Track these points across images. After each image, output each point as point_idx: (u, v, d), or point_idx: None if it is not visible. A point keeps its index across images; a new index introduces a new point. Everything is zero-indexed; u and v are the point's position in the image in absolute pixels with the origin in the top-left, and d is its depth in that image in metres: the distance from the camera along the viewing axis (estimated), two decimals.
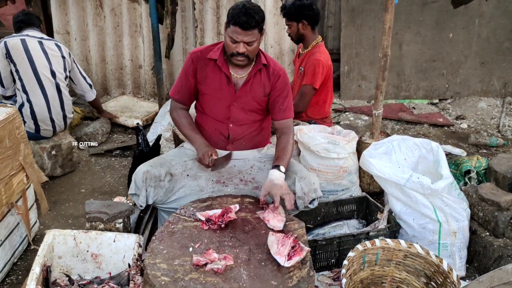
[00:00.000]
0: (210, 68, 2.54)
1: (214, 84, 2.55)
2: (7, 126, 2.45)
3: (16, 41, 3.55)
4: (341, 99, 5.58)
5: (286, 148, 2.52)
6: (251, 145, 2.70)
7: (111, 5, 5.24)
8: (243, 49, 2.36)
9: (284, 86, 2.58)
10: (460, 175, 3.29)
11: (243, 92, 2.56)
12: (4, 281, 2.57)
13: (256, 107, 2.60)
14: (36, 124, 3.57)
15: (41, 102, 3.58)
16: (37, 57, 3.58)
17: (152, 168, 2.48)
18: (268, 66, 2.55)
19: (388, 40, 3.18)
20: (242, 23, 2.29)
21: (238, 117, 2.60)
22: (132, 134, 4.60)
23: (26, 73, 3.54)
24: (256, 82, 2.56)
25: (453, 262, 2.64)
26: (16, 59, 3.53)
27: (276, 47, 5.35)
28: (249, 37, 2.33)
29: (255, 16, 2.30)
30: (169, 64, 5.38)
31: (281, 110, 2.58)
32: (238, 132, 2.65)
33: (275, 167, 2.39)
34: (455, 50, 5.44)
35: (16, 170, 2.58)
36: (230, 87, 2.55)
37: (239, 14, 2.29)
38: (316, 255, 2.59)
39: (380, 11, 5.17)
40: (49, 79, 3.62)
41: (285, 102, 2.58)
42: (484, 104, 5.42)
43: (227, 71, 2.52)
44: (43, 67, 3.60)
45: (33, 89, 3.56)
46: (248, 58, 2.43)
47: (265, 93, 2.58)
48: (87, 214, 2.43)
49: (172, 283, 1.81)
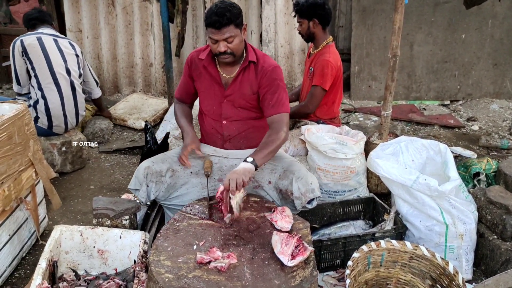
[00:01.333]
0: (202, 68, 2.62)
1: (206, 82, 2.63)
2: (16, 123, 2.49)
3: (33, 39, 3.59)
4: (351, 99, 5.56)
5: (266, 143, 2.42)
6: (249, 144, 2.69)
7: (122, 3, 5.28)
8: (224, 48, 2.40)
9: (272, 82, 2.54)
10: (469, 177, 3.26)
11: (232, 90, 2.58)
12: (12, 275, 2.61)
13: (246, 104, 2.61)
14: (50, 121, 3.61)
15: (56, 99, 3.62)
16: (53, 55, 3.62)
17: (153, 164, 2.53)
18: (257, 63, 2.56)
19: (397, 41, 3.16)
20: (214, 23, 2.34)
21: (229, 114, 2.63)
22: (142, 132, 4.63)
23: (42, 71, 3.58)
24: (244, 80, 2.57)
25: (459, 265, 2.61)
26: (32, 57, 3.56)
27: (287, 46, 5.34)
28: (225, 34, 2.36)
29: (226, 13, 2.32)
30: (179, 62, 5.40)
31: (270, 106, 2.54)
32: (232, 129, 2.66)
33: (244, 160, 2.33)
34: (467, 51, 5.39)
35: (25, 166, 2.62)
36: (220, 85, 2.60)
37: (211, 15, 2.34)
38: (321, 255, 2.59)
39: (391, 11, 5.13)
40: (64, 77, 3.66)
41: (273, 98, 2.54)
42: (496, 106, 5.36)
43: (215, 72, 2.58)
44: (59, 65, 3.64)
45: (49, 87, 3.60)
46: (233, 55, 2.45)
47: (253, 91, 2.58)
48: (94, 211, 2.46)
49: (176, 280, 1.82)
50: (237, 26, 2.39)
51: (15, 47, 3.58)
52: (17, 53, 3.58)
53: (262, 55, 2.61)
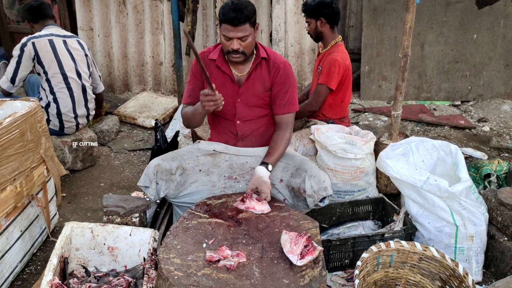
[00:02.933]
0: (213, 68, 2.57)
1: (218, 82, 2.54)
2: (29, 120, 2.51)
3: (45, 42, 3.53)
4: (360, 99, 5.54)
5: (279, 144, 2.53)
6: (261, 142, 2.70)
7: (133, 2, 5.31)
8: (237, 46, 2.38)
9: (285, 80, 2.55)
10: (479, 179, 3.23)
11: (245, 88, 2.57)
12: (23, 271, 2.63)
13: (259, 102, 2.61)
14: (61, 122, 3.63)
15: (68, 102, 3.62)
16: (64, 58, 3.60)
17: (163, 161, 2.52)
18: (268, 60, 2.55)
19: (408, 41, 3.14)
20: (231, 19, 2.30)
21: (243, 114, 2.62)
22: (152, 130, 4.65)
23: (55, 75, 3.56)
24: (257, 77, 2.56)
25: (469, 267, 2.60)
26: (44, 61, 3.52)
27: (297, 46, 5.34)
28: (240, 32, 2.34)
29: (244, 11, 2.31)
30: (189, 61, 5.42)
31: (281, 105, 2.57)
32: (246, 129, 2.66)
33: (263, 164, 2.45)
34: (479, 52, 5.34)
35: (37, 163, 2.64)
36: (233, 84, 2.57)
37: (228, 11, 2.31)
38: (330, 255, 2.58)
39: (402, 10, 5.11)
40: (75, 81, 3.65)
41: (285, 97, 2.56)
42: (508, 107, 5.31)
43: (228, 70, 2.56)
44: (71, 69, 3.62)
45: (61, 91, 3.59)
46: (244, 55, 2.44)
47: (266, 88, 2.58)
48: (104, 208, 2.47)
49: (185, 278, 1.83)
50: (252, 25, 2.39)
51: (25, 49, 3.49)
52: (28, 56, 3.50)
53: (271, 51, 2.61)
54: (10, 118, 2.39)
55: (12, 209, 2.42)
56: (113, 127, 4.47)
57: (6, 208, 2.37)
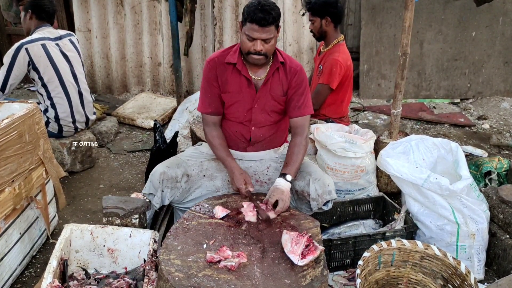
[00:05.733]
0: (229, 73, 2.49)
1: (234, 87, 2.49)
2: (27, 121, 2.50)
3: (38, 47, 3.43)
4: (360, 98, 5.53)
5: (296, 153, 2.47)
6: (271, 146, 2.68)
7: (131, 3, 5.30)
8: (261, 47, 2.31)
9: (301, 83, 2.51)
10: (480, 176, 3.23)
11: (263, 93, 2.50)
12: (23, 274, 2.62)
13: (277, 107, 2.55)
14: (60, 126, 3.60)
15: (66, 107, 3.57)
16: (59, 61, 3.53)
17: (169, 169, 2.47)
18: (285, 64, 2.50)
19: (407, 39, 3.13)
20: (259, 19, 2.24)
21: (259, 120, 2.55)
22: (151, 131, 4.64)
23: (52, 80, 3.50)
24: (275, 82, 2.50)
25: (471, 265, 2.59)
26: (40, 67, 3.44)
27: (295, 45, 5.33)
28: (266, 34, 2.29)
29: (272, 12, 2.26)
30: (187, 62, 5.41)
31: (296, 108, 2.52)
32: (259, 135, 2.60)
33: (282, 176, 2.39)
34: (478, 49, 5.34)
35: (35, 165, 2.63)
36: (251, 89, 2.49)
37: (255, 11, 2.24)
38: (331, 255, 2.57)
39: (401, 9, 5.10)
40: (72, 84, 3.60)
41: (300, 100, 2.51)
42: (507, 104, 5.31)
43: (247, 74, 2.47)
44: (66, 72, 3.56)
45: (59, 96, 3.54)
46: (266, 57, 2.38)
47: (284, 92, 2.52)
48: (104, 209, 2.46)
49: (186, 279, 1.82)
50: (276, 28, 2.34)
51: (19, 55, 3.38)
52: (21, 62, 3.39)
53: (286, 55, 2.55)
54: (8, 119, 2.37)
55: (11, 211, 2.41)
56: (112, 129, 4.45)
57: (5, 210, 2.35)
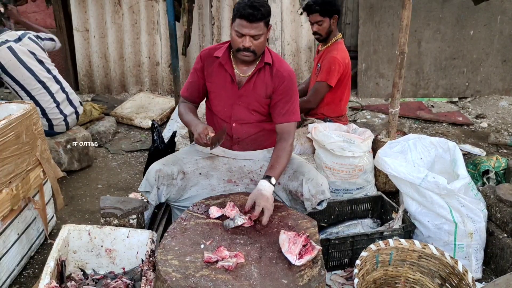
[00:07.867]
0: (216, 66, 2.51)
1: (219, 81, 2.51)
2: (24, 122, 2.49)
3: (5, 52, 3.36)
4: (358, 97, 5.53)
5: (281, 156, 2.41)
6: (258, 146, 2.65)
7: (129, 2, 5.29)
8: (249, 43, 2.31)
9: (288, 90, 2.47)
10: (478, 175, 3.23)
11: (246, 91, 2.50)
12: (21, 274, 2.62)
13: (259, 108, 2.53)
14: (49, 120, 3.56)
15: (49, 101, 3.54)
16: (29, 61, 3.46)
17: (165, 166, 2.49)
18: (272, 66, 2.47)
19: (405, 38, 3.13)
20: (247, 15, 2.24)
21: (240, 116, 2.54)
22: (149, 131, 4.64)
23: (27, 81, 3.44)
24: (259, 81, 2.49)
25: (469, 264, 2.59)
26: (12, 71, 3.37)
27: (293, 44, 5.33)
28: (255, 30, 2.28)
29: (261, 8, 2.26)
30: (185, 61, 5.40)
31: (281, 114, 2.48)
32: (242, 132, 2.58)
33: (266, 178, 2.31)
34: (476, 48, 5.34)
35: (33, 165, 2.62)
36: (233, 85, 2.50)
37: (244, 6, 2.25)
38: (329, 254, 2.58)
39: (398, 8, 5.09)
40: (47, 78, 3.55)
41: (286, 106, 2.48)
42: (505, 103, 5.31)
43: (230, 70, 2.48)
44: (40, 69, 3.51)
45: (39, 93, 3.50)
46: (255, 54, 2.36)
47: (267, 95, 2.50)
48: (101, 210, 2.46)
49: (183, 279, 1.81)
50: (266, 25, 2.33)
51: None
52: None
53: (278, 58, 2.53)
54: (5, 120, 2.37)
55: (8, 212, 2.40)
56: (110, 128, 4.45)
57: (3, 211, 2.35)
